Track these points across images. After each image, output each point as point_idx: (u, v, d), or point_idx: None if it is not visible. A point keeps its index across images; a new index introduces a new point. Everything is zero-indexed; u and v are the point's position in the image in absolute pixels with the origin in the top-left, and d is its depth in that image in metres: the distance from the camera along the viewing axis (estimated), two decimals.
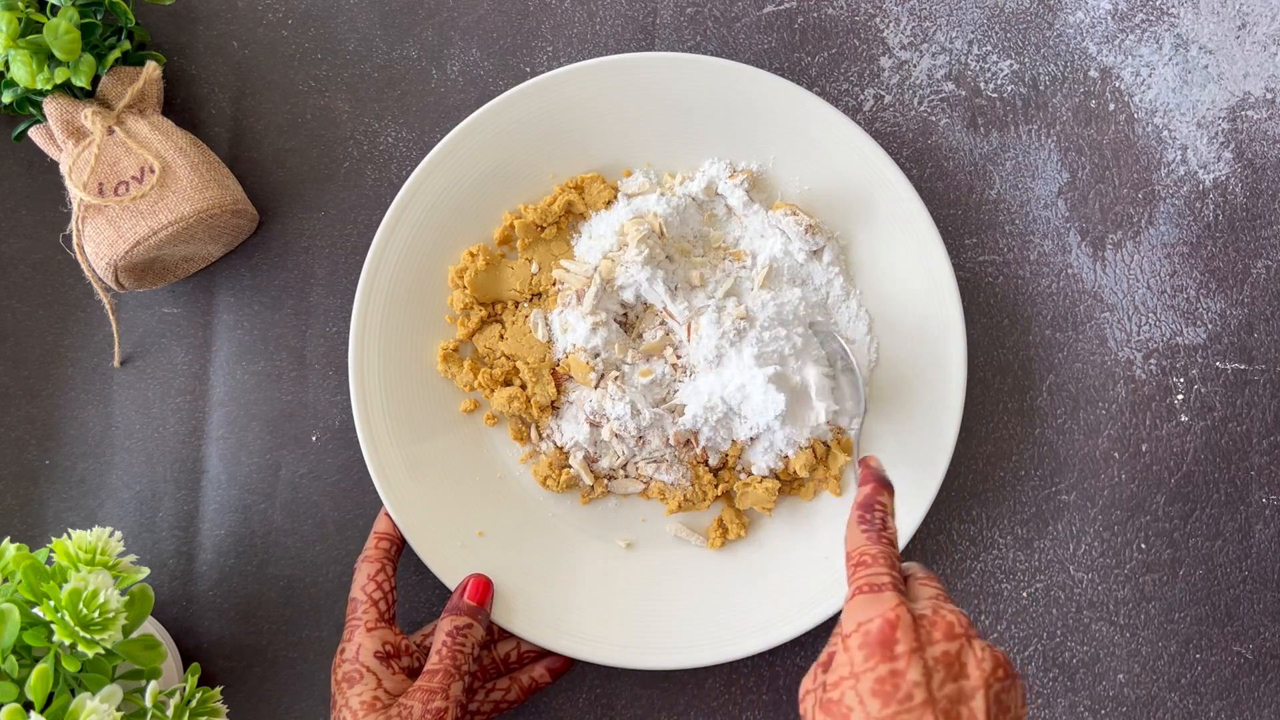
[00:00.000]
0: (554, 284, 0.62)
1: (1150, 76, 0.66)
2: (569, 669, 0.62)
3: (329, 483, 0.64)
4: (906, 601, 0.43)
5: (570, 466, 0.62)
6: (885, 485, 0.50)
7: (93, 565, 0.51)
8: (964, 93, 0.66)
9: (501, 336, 0.62)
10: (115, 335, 0.64)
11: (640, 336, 0.61)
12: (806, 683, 0.44)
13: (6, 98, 0.59)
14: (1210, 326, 0.65)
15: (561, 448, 0.62)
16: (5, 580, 0.50)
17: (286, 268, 0.65)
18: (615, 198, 0.63)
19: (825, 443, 0.62)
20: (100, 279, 0.60)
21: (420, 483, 0.60)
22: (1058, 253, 0.66)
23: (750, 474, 0.61)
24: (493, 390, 0.61)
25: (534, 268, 0.62)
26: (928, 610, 0.43)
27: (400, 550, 0.59)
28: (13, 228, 0.65)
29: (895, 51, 0.66)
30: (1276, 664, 0.64)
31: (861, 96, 0.66)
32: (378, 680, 0.54)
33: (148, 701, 0.50)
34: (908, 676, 0.40)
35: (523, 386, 0.61)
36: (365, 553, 0.59)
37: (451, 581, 0.59)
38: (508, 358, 0.62)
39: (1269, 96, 0.66)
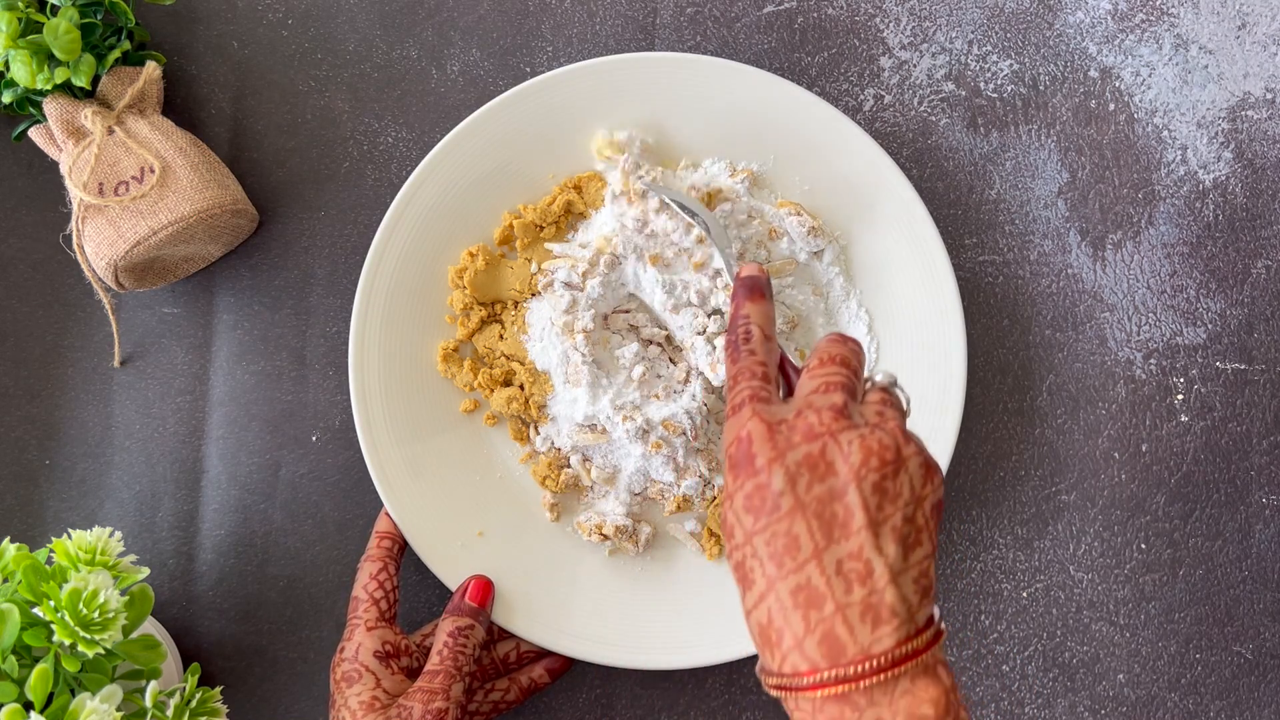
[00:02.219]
0: (543, 274, 0.61)
1: (1150, 76, 0.66)
2: (568, 669, 0.62)
3: (329, 483, 0.64)
4: (765, 410, 0.41)
5: (570, 466, 0.62)
6: (752, 292, 0.47)
7: (93, 565, 0.51)
8: (964, 93, 0.66)
9: (501, 336, 0.62)
10: (115, 335, 0.64)
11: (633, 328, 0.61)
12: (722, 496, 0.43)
13: (6, 98, 0.59)
14: (1210, 326, 0.65)
15: (560, 448, 0.62)
16: (5, 580, 0.50)
17: (286, 268, 0.65)
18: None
19: None
20: (100, 279, 0.60)
21: (420, 483, 0.60)
22: (1058, 253, 0.66)
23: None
24: (492, 390, 0.61)
25: (533, 267, 0.62)
26: (792, 413, 0.40)
27: (403, 549, 0.59)
28: (13, 228, 0.65)
29: (895, 51, 0.66)
30: (1276, 664, 0.64)
31: (861, 96, 0.66)
32: (376, 680, 0.54)
33: (148, 701, 0.50)
34: (771, 486, 0.39)
35: (521, 387, 0.61)
36: (368, 551, 0.59)
37: (452, 581, 0.59)
38: (507, 358, 0.62)
39: (1269, 96, 0.66)
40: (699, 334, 0.60)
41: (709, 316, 0.60)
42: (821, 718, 0.37)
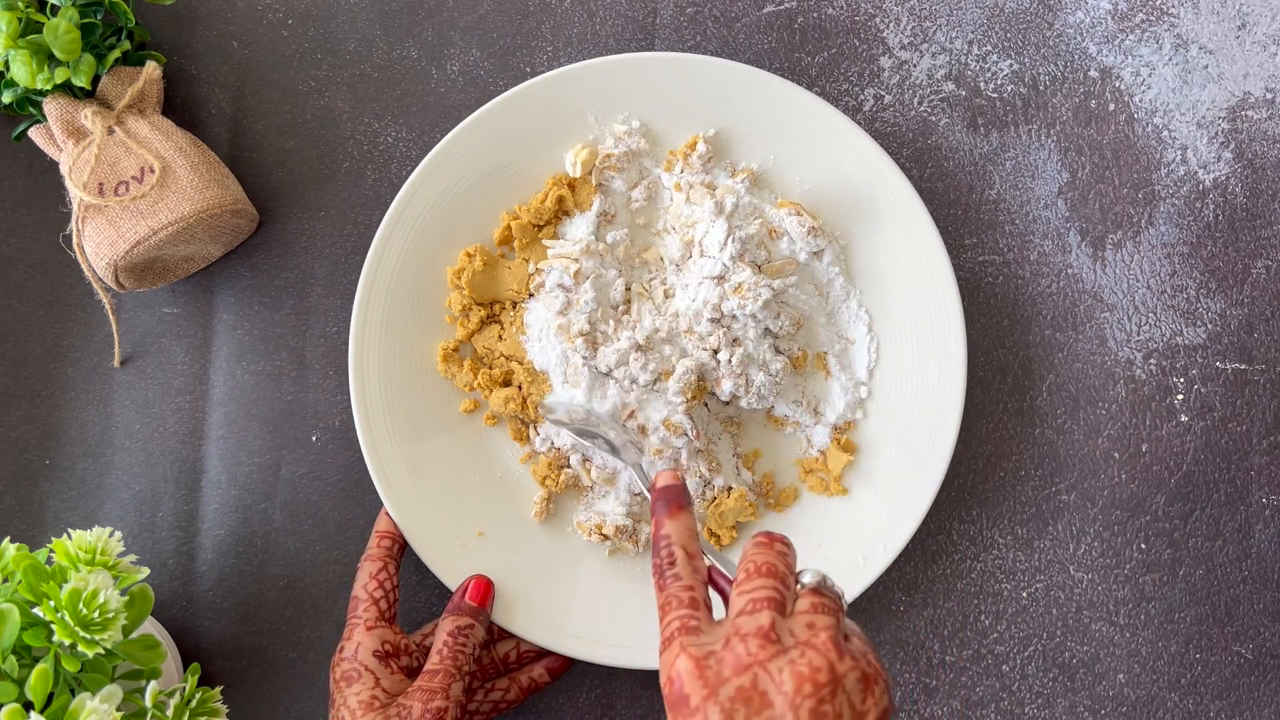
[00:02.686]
0: (539, 274, 0.61)
1: (1150, 76, 0.66)
2: (568, 669, 0.62)
3: (329, 483, 0.64)
4: (693, 644, 0.40)
5: (570, 466, 0.62)
6: (670, 505, 0.47)
7: (93, 565, 0.51)
8: (964, 93, 0.66)
9: (500, 337, 0.62)
10: (115, 335, 0.64)
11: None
12: None
13: (6, 98, 0.59)
14: (1210, 326, 0.65)
15: (560, 448, 0.62)
16: (5, 580, 0.50)
17: (286, 268, 0.65)
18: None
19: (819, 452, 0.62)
20: (100, 279, 0.60)
21: (420, 483, 0.60)
22: (1058, 253, 0.66)
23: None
24: (491, 390, 0.61)
25: (531, 268, 0.62)
26: (720, 643, 0.40)
27: (403, 549, 0.59)
28: (13, 228, 0.65)
29: (895, 51, 0.66)
30: (1276, 664, 0.64)
31: (861, 96, 0.66)
32: (376, 679, 0.54)
33: (148, 701, 0.50)
34: None
35: (520, 387, 0.61)
36: (368, 551, 0.59)
37: (452, 581, 0.59)
38: (506, 358, 0.62)
39: (1269, 96, 0.66)
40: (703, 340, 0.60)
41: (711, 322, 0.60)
42: None
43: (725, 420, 0.63)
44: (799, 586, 0.43)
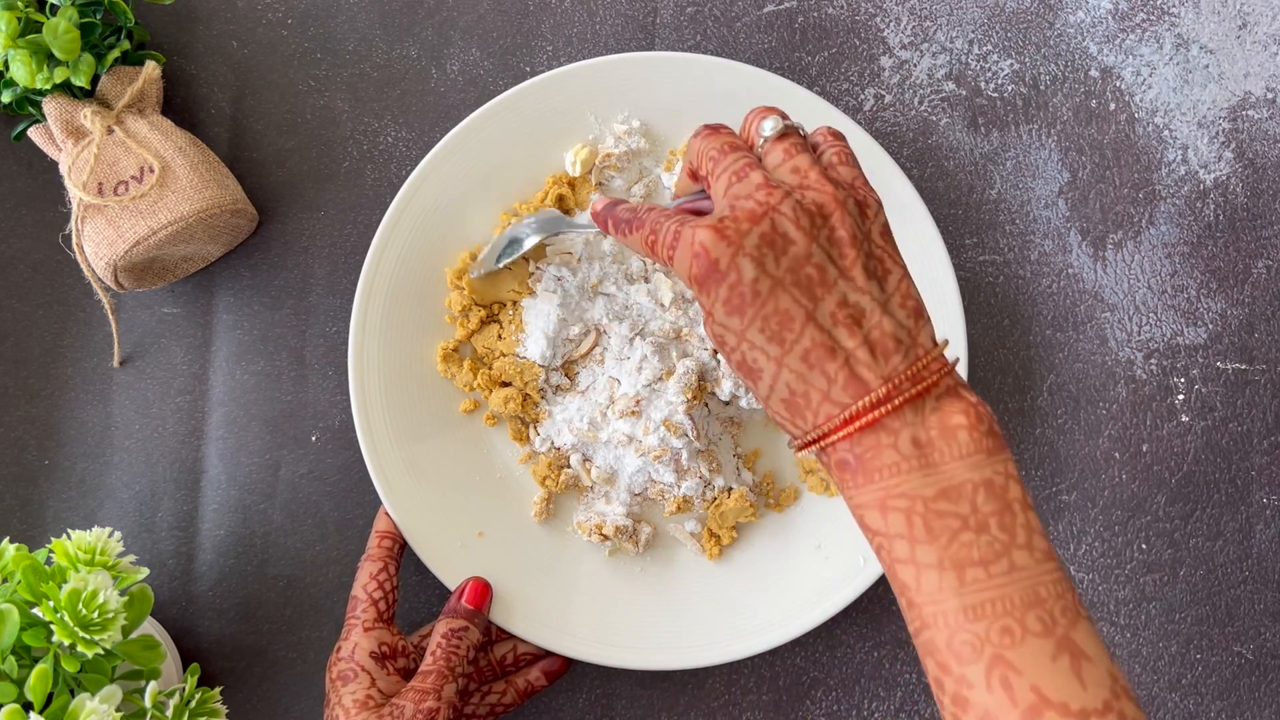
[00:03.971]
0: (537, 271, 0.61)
1: (1151, 76, 0.66)
2: (566, 672, 0.62)
3: (329, 483, 0.64)
4: (702, 222, 0.42)
5: (570, 466, 0.62)
6: (611, 202, 0.49)
7: (92, 565, 0.50)
8: (964, 92, 0.66)
9: (500, 336, 0.62)
10: (115, 335, 0.64)
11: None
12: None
13: (6, 97, 0.59)
14: (1211, 326, 0.65)
15: (560, 448, 0.62)
16: (5, 580, 0.50)
17: (286, 268, 0.65)
18: None
19: None
20: (100, 279, 0.60)
21: (420, 483, 0.60)
22: (1058, 252, 0.65)
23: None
24: (491, 390, 0.61)
25: (532, 267, 0.62)
26: (726, 210, 0.42)
27: (403, 549, 0.59)
28: (12, 228, 0.65)
29: (895, 51, 0.66)
30: (1277, 664, 0.64)
31: (862, 96, 0.66)
32: (371, 679, 0.54)
33: (147, 702, 0.50)
34: (744, 277, 0.40)
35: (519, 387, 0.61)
36: (368, 551, 0.59)
37: (451, 582, 0.59)
38: (504, 355, 0.62)
39: (1270, 96, 0.66)
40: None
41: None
42: (859, 449, 0.39)
43: (725, 421, 0.63)
44: (760, 143, 0.44)
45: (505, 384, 0.62)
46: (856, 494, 0.40)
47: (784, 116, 0.44)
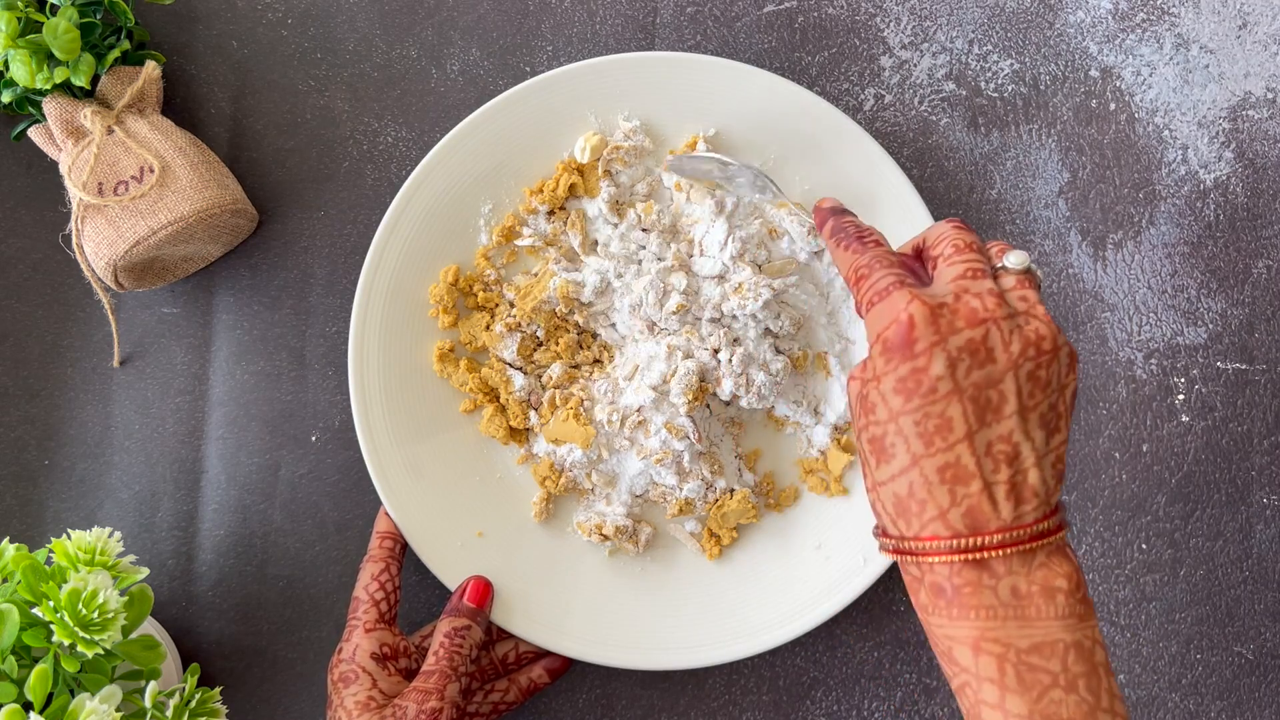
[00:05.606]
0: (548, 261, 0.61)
1: (1151, 76, 0.66)
2: (568, 669, 0.62)
3: (329, 483, 0.64)
4: (922, 293, 0.41)
5: (570, 470, 0.62)
6: (841, 210, 0.48)
7: (92, 565, 0.50)
8: (964, 92, 0.66)
9: (488, 326, 0.62)
10: (115, 335, 0.64)
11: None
12: (855, 370, 0.43)
13: (6, 97, 0.59)
14: (1211, 326, 0.65)
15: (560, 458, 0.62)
16: (5, 580, 0.50)
17: (286, 268, 0.65)
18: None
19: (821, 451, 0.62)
20: (100, 279, 0.60)
21: (420, 483, 0.60)
22: (1058, 252, 0.65)
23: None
24: (482, 396, 0.61)
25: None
26: (950, 298, 0.41)
27: (404, 550, 0.59)
28: (12, 228, 0.65)
29: (896, 51, 0.66)
30: (1277, 664, 0.64)
31: (862, 96, 0.66)
32: (373, 681, 0.54)
33: (147, 702, 0.50)
34: (931, 371, 0.39)
35: (504, 406, 0.62)
36: (369, 552, 0.59)
37: (451, 582, 0.59)
38: (486, 349, 0.62)
39: (1270, 96, 0.66)
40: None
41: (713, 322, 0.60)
42: (957, 580, 0.40)
43: (727, 421, 0.63)
44: (1000, 267, 0.43)
45: (493, 398, 0.62)
46: (949, 625, 0.40)
47: (1030, 262, 0.44)
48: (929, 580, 0.40)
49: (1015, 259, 0.43)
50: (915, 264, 0.46)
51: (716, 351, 0.59)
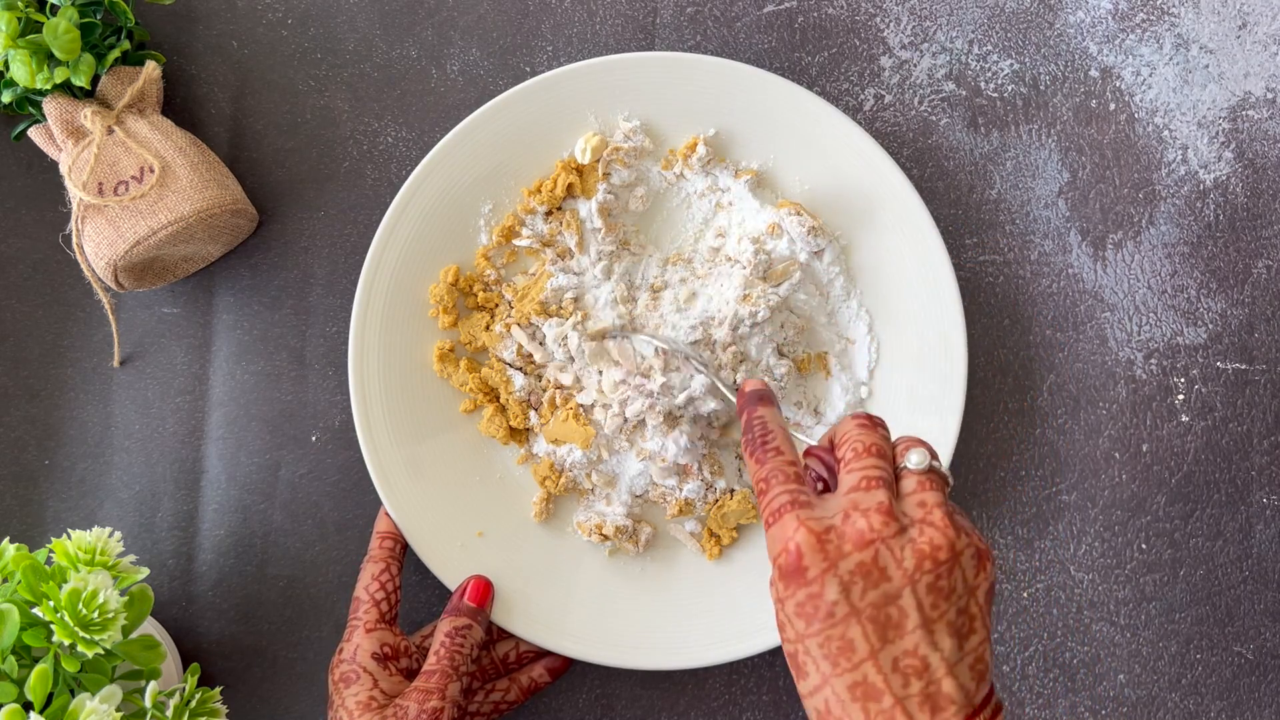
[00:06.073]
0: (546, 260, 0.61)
1: (1151, 76, 0.66)
2: (568, 669, 0.62)
3: (329, 483, 0.64)
4: (810, 517, 0.41)
5: (570, 469, 0.62)
6: (759, 401, 0.47)
7: (92, 565, 0.50)
8: (964, 92, 0.66)
9: (487, 327, 0.62)
10: (115, 335, 0.64)
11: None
12: (771, 579, 0.43)
13: (6, 97, 0.59)
14: (1211, 326, 0.65)
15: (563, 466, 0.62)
16: (5, 580, 0.50)
17: (286, 268, 0.65)
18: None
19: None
20: (100, 279, 0.60)
21: (420, 483, 0.60)
22: (1058, 252, 0.65)
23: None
24: (481, 396, 0.61)
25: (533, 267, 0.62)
26: (838, 519, 0.41)
27: (405, 550, 0.59)
28: (12, 228, 0.65)
29: (895, 51, 0.66)
30: (1277, 664, 0.64)
31: (862, 96, 0.66)
32: (374, 681, 0.54)
33: (147, 702, 0.50)
34: (825, 596, 0.39)
35: (503, 407, 0.62)
36: (370, 552, 0.59)
37: (451, 582, 0.59)
38: (486, 350, 0.62)
39: (1270, 96, 0.66)
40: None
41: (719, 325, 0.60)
42: None
43: (728, 425, 0.63)
44: (902, 467, 0.43)
45: (493, 398, 0.62)
46: None
47: (934, 455, 0.43)
48: None
49: (915, 459, 0.43)
50: (830, 457, 0.45)
51: (720, 368, 0.59)
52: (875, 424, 0.45)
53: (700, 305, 0.60)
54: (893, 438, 0.45)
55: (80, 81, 0.58)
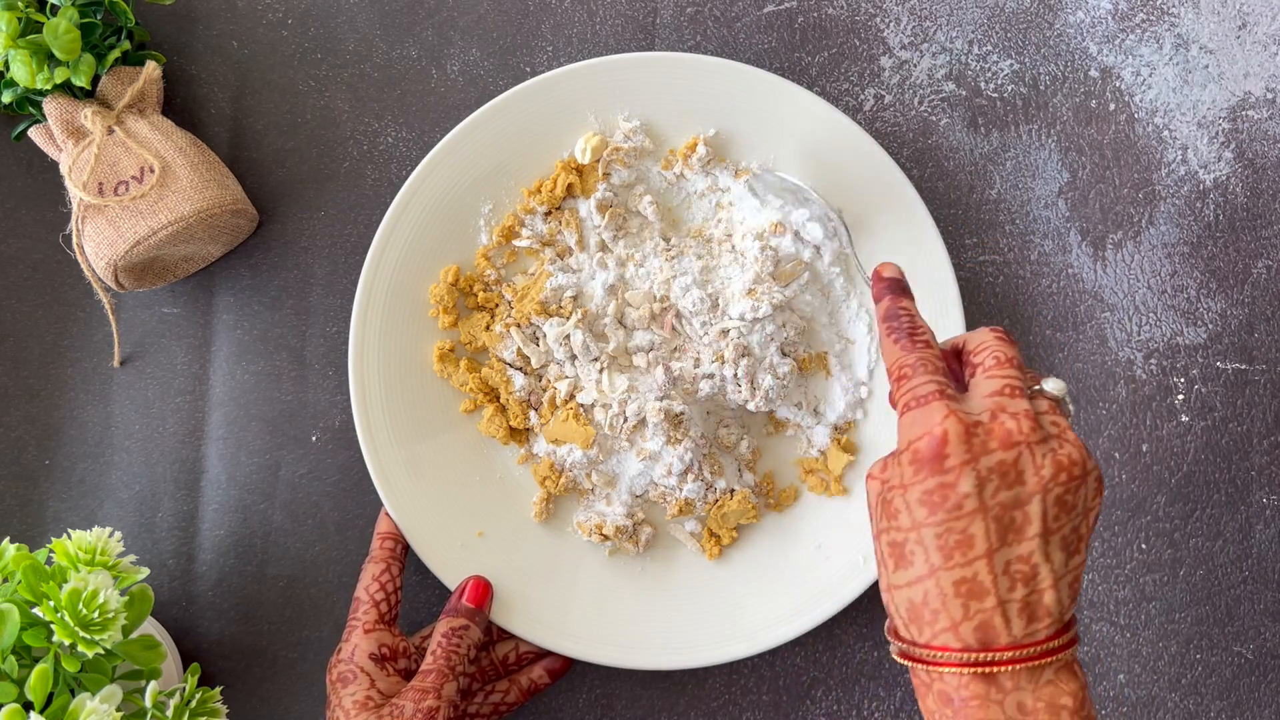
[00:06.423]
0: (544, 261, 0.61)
1: (1151, 76, 0.66)
2: (568, 670, 0.62)
3: (329, 483, 0.64)
4: (959, 409, 0.41)
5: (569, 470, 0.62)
6: (903, 291, 0.47)
7: (92, 565, 0.51)
8: (964, 92, 0.66)
9: (487, 326, 0.62)
10: (115, 335, 0.64)
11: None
12: (874, 469, 0.43)
13: (6, 97, 0.59)
14: (1211, 326, 0.65)
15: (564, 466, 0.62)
16: (5, 580, 0.50)
17: (286, 268, 0.65)
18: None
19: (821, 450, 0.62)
20: (100, 279, 0.60)
21: (420, 483, 0.60)
22: (1058, 253, 0.65)
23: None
24: (481, 395, 0.61)
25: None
26: (985, 416, 0.41)
27: (406, 550, 0.59)
28: (13, 228, 0.65)
29: (895, 51, 0.66)
30: (1277, 664, 0.64)
31: (862, 96, 0.66)
32: (371, 681, 0.54)
33: (147, 702, 0.50)
34: (959, 488, 0.40)
35: (504, 406, 0.62)
36: (371, 553, 0.59)
37: (451, 582, 0.59)
38: (486, 350, 0.62)
39: (1269, 96, 0.66)
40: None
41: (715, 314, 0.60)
42: (965, 693, 0.40)
43: (729, 422, 0.63)
44: (1037, 389, 0.44)
45: (494, 398, 0.62)
46: None
47: (1065, 392, 0.44)
48: (937, 688, 0.41)
49: (1054, 385, 0.44)
50: (955, 364, 0.46)
51: (722, 363, 0.59)
52: (1010, 339, 0.45)
53: (714, 286, 0.61)
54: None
55: (80, 81, 0.58)
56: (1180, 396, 0.65)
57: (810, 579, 0.61)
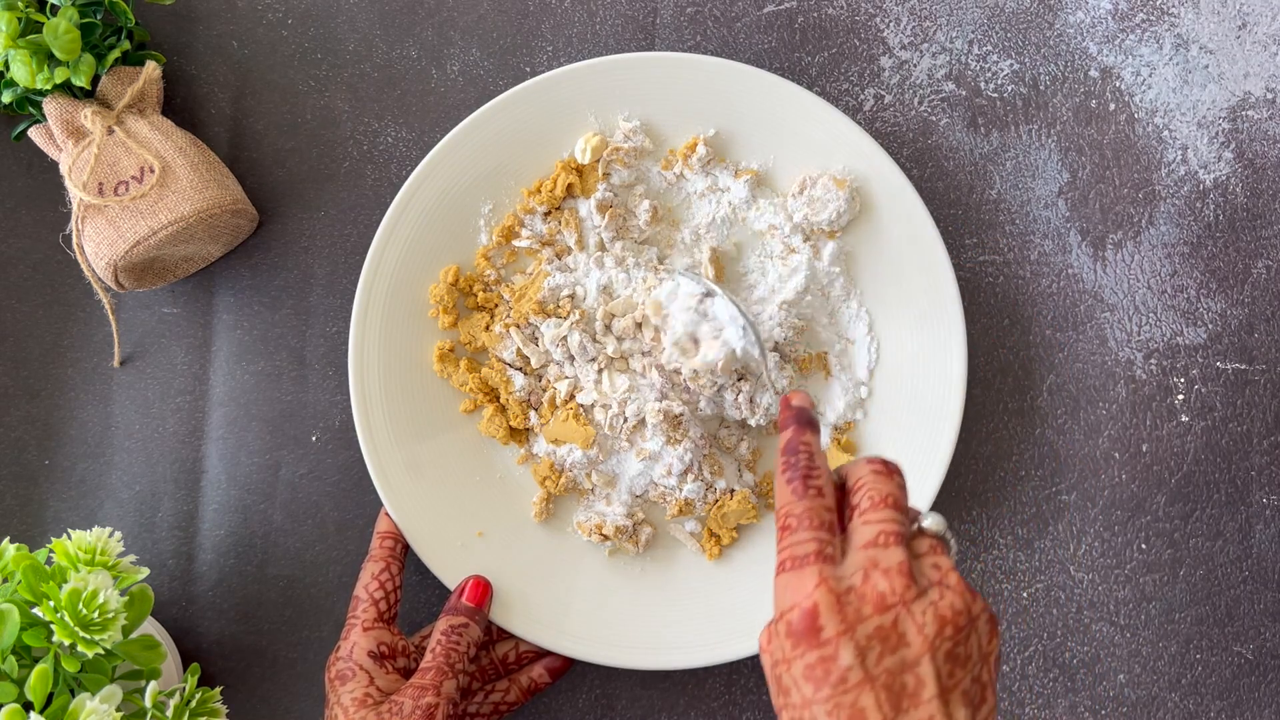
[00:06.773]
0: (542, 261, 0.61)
1: (1151, 76, 0.66)
2: (568, 669, 0.62)
3: (329, 483, 0.64)
4: (830, 575, 0.39)
5: (569, 469, 0.62)
6: (807, 424, 0.45)
7: (92, 565, 0.51)
8: (964, 93, 0.66)
9: (487, 327, 0.62)
10: (115, 335, 0.64)
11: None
12: (762, 639, 0.41)
13: (6, 97, 0.59)
14: (1211, 326, 0.65)
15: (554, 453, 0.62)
16: (5, 580, 0.50)
17: (286, 268, 0.65)
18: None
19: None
20: (100, 279, 0.60)
21: (420, 483, 0.60)
22: (1058, 253, 0.65)
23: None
24: (482, 395, 0.61)
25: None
26: (858, 578, 0.39)
27: (405, 549, 0.59)
28: (13, 228, 0.65)
29: (895, 51, 0.66)
30: (1277, 664, 0.64)
31: (862, 96, 0.66)
32: (370, 678, 0.54)
33: (147, 702, 0.50)
34: (839, 661, 0.37)
35: (503, 406, 0.62)
36: (371, 552, 0.59)
37: (451, 581, 0.59)
38: (486, 350, 0.62)
39: (1269, 96, 0.66)
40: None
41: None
42: None
43: (729, 427, 0.63)
44: (916, 528, 0.42)
45: (494, 399, 0.62)
46: None
47: (945, 525, 0.42)
48: None
49: (933, 522, 0.42)
50: (842, 499, 0.44)
51: (720, 389, 0.60)
52: (891, 471, 0.43)
53: (757, 293, 0.61)
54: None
55: (80, 81, 0.58)
56: (1180, 396, 0.65)
57: None
